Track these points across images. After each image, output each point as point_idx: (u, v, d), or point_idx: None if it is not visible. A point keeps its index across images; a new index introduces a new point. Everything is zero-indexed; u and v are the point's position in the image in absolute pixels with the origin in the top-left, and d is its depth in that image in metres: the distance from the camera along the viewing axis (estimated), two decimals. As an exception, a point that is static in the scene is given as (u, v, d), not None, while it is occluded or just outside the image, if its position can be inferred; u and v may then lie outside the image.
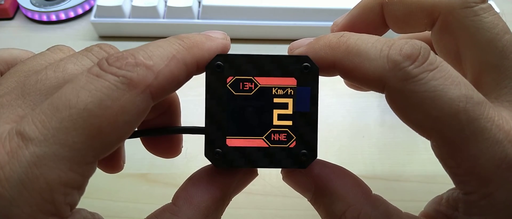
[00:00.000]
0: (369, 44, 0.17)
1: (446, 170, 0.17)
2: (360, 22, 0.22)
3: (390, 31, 0.22)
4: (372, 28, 0.22)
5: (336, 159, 0.35)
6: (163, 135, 0.22)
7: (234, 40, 0.46)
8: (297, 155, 0.18)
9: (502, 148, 0.16)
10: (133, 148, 0.23)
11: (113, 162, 0.23)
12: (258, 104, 0.18)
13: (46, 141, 0.14)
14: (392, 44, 0.16)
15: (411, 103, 0.16)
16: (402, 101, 0.16)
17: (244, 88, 0.18)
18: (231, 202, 0.19)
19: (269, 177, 0.33)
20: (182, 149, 0.24)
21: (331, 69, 0.18)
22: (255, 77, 0.18)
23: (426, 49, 0.16)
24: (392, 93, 0.16)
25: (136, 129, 0.21)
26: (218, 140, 0.18)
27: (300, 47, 0.19)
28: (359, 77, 0.17)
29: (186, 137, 0.23)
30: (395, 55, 0.16)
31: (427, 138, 0.17)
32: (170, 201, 0.18)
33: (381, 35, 0.19)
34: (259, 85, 0.18)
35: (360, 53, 0.17)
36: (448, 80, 0.16)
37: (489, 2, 0.19)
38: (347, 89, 0.26)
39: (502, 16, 0.19)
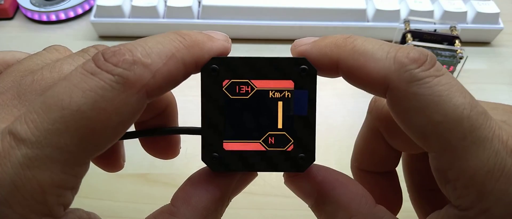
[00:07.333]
0: (377, 45, 0.17)
1: (442, 187, 0.17)
2: None
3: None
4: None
5: (336, 159, 0.36)
6: (158, 135, 0.22)
7: (234, 40, 0.45)
8: (294, 159, 0.18)
9: (500, 160, 0.15)
10: (133, 148, 0.23)
11: (113, 161, 0.22)
12: (255, 107, 0.18)
13: (38, 143, 0.14)
14: (400, 48, 0.16)
15: (414, 106, 0.16)
16: (404, 103, 0.16)
17: (241, 91, 0.17)
18: (231, 202, 0.19)
19: (269, 177, 0.33)
20: (182, 149, 0.24)
21: (334, 68, 0.17)
22: (251, 80, 0.17)
23: (433, 57, 0.16)
24: (395, 95, 0.16)
25: (133, 130, 0.21)
26: (215, 144, 0.18)
27: (305, 44, 0.18)
28: (363, 77, 0.17)
29: (186, 138, 0.23)
30: (402, 58, 0.16)
31: (427, 147, 0.16)
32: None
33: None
34: (256, 88, 0.18)
35: (366, 53, 0.16)
36: (454, 87, 0.16)
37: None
38: (348, 89, 0.26)
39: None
